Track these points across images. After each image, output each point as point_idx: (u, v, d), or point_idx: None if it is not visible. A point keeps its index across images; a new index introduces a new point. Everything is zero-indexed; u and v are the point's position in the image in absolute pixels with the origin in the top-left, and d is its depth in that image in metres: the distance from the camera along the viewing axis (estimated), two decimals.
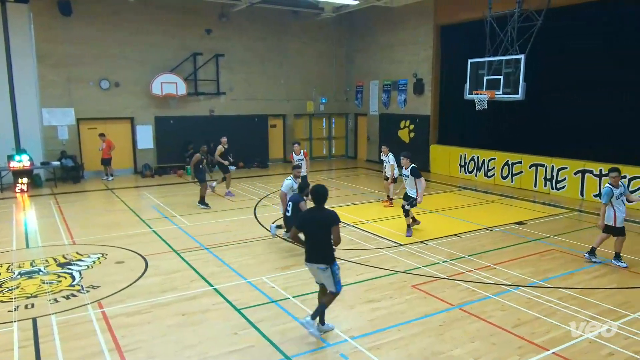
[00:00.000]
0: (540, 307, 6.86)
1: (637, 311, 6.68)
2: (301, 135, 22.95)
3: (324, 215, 5.83)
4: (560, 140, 14.94)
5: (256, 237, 10.34)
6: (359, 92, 23.07)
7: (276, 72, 21.51)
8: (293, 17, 21.22)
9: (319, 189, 5.98)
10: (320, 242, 5.82)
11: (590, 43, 13.77)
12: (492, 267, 8.49)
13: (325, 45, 22.65)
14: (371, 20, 21.34)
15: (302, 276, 8.02)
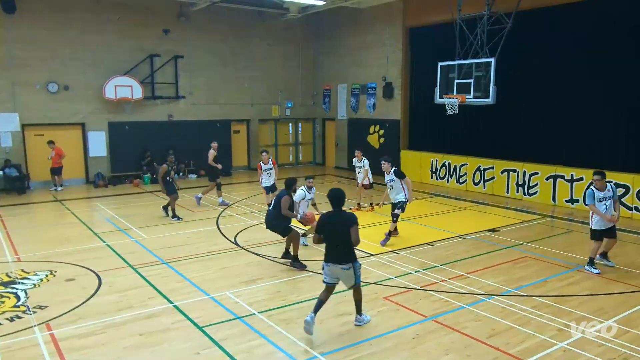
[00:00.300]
0: (514, 316, 7.01)
1: (611, 318, 6.90)
2: (266, 141, 22.89)
3: (343, 217, 6.46)
4: (531, 144, 15.39)
5: (220, 250, 10.22)
6: (326, 96, 23.20)
7: (239, 75, 21.42)
8: (257, 17, 21.21)
9: (336, 192, 6.60)
10: (341, 243, 6.39)
11: (560, 46, 14.27)
12: (466, 276, 8.63)
13: (291, 47, 22.71)
14: (339, 21, 21.54)
15: (269, 290, 7.96)
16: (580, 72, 13.98)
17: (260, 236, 11.22)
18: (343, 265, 6.39)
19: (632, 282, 8.30)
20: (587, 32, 13.73)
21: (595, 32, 13.58)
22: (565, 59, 14.20)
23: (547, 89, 14.82)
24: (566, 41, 14.16)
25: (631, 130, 13.28)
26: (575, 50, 14.03)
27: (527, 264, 9.30)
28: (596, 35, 13.58)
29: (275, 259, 9.56)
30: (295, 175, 21.33)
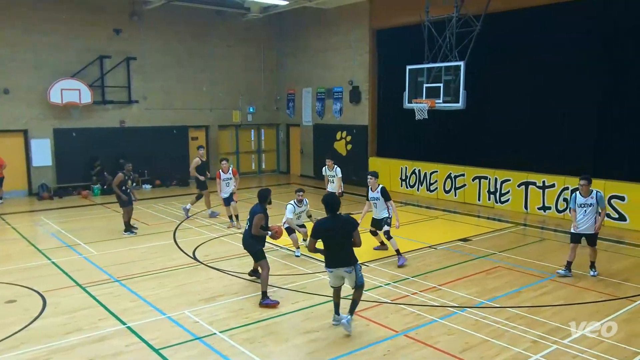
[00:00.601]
0: (488, 328, 7.15)
1: (584, 328, 7.10)
2: (227, 148, 22.74)
3: (342, 221, 6.88)
4: (503, 150, 15.77)
5: (177, 265, 10.07)
6: (290, 101, 23.24)
7: (198, 78, 21.25)
8: (216, 17, 21.13)
9: (331, 197, 7.06)
10: (343, 247, 6.81)
11: (531, 49, 14.72)
12: (438, 288, 8.75)
13: (252, 49, 22.70)
14: (303, 22, 21.67)
15: (231, 307, 7.89)
16: (552, 76, 14.45)
17: (221, 250, 11.12)
18: (346, 268, 6.82)
19: (605, 291, 8.58)
20: (558, 35, 14.22)
21: (566, 35, 14.08)
22: (537, 63, 14.66)
23: (518, 94, 15.25)
24: (537, 44, 14.63)
25: (602, 136, 13.78)
26: (546, 54, 14.49)
27: (500, 274, 9.50)
28: (566, 39, 14.07)
29: (238, 274, 9.48)
30: (258, 184, 21.26)
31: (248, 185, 20.38)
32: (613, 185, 13.11)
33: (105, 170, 18.52)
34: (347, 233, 6.79)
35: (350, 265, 6.83)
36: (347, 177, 19.94)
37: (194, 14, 20.50)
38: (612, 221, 13.12)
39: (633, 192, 12.81)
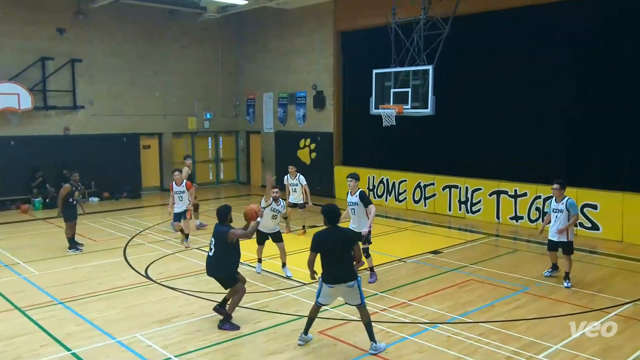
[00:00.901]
0: (460, 345, 7.23)
1: (559, 342, 7.27)
2: (182, 157, 22.25)
3: (343, 234, 7.00)
4: (473, 158, 16.07)
5: (128, 285, 9.86)
6: (250, 106, 23.17)
7: (150, 82, 20.98)
8: (170, 17, 20.96)
9: (333, 208, 7.11)
10: (343, 261, 6.85)
11: (501, 53, 15.10)
12: (408, 303, 8.82)
13: (209, 51, 22.57)
14: (263, 23, 21.68)
15: (186, 329, 7.76)
16: (522, 82, 14.85)
17: (175, 267, 10.95)
18: (349, 283, 6.83)
19: (579, 303, 8.81)
20: (527, 39, 14.64)
21: (535, 39, 14.51)
22: (507, 68, 15.03)
23: (488, 99, 15.60)
24: (506, 48, 15.02)
25: (574, 143, 14.21)
26: (515, 59, 14.90)
27: (473, 288, 9.64)
28: (536, 43, 14.51)
29: (194, 293, 9.34)
30: (216, 196, 21.06)
31: (206, 197, 20.15)
32: (585, 194, 13.51)
33: (48, 182, 18.05)
34: (347, 246, 6.87)
35: (352, 280, 6.86)
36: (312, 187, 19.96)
37: (145, 13, 20.27)
38: (585, 230, 13.50)
39: (605, 201, 13.23)
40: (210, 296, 9.05)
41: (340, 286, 6.88)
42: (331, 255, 6.87)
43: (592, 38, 13.58)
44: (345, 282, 6.84)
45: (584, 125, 14.01)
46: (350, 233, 7.13)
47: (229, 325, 7.75)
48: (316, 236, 7.03)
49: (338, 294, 7.01)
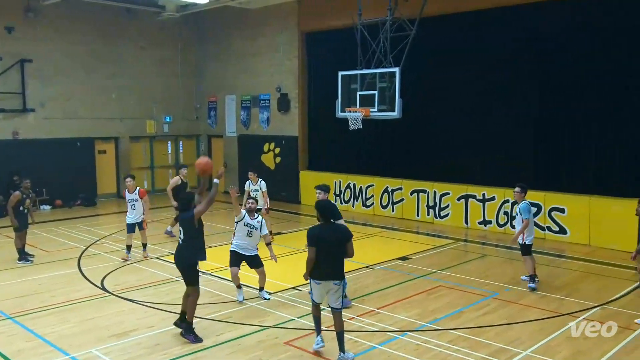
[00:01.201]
0: (430, 353, 7.29)
1: (528, 348, 7.41)
2: (140, 162, 22.14)
3: (339, 230, 7.10)
4: (441, 162, 16.28)
5: (83, 297, 9.64)
6: (212, 109, 23.00)
7: (105, 84, 20.63)
8: (127, 16, 20.68)
9: (328, 204, 7.34)
10: (336, 258, 6.97)
11: (469, 55, 15.36)
12: (376, 311, 8.86)
13: (168, 52, 22.33)
14: (225, 23, 21.57)
15: (146, 343, 7.63)
16: (489, 84, 15.12)
17: (134, 278, 10.77)
18: (335, 281, 6.93)
19: (548, 308, 9.00)
20: (494, 41, 14.94)
21: (502, 41, 14.81)
22: (474, 70, 15.31)
23: (455, 102, 15.84)
24: (474, 50, 15.29)
25: (541, 147, 14.55)
26: (483, 61, 15.17)
27: (441, 294, 9.75)
28: (502, 45, 14.81)
29: (153, 304, 9.19)
30: None
31: (166, 204, 19.85)
32: (553, 197, 13.84)
33: None
34: (341, 243, 6.96)
35: (340, 279, 6.96)
36: (276, 193, 19.98)
37: (100, 11, 19.96)
38: (553, 234, 13.83)
39: (573, 204, 13.57)
40: (171, 307, 8.92)
41: (327, 282, 6.95)
42: (325, 251, 6.90)
43: (558, 41, 13.94)
44: (333, 279, 6.93)
45: (551, 129, 14.36)
46: (347, 231, 7.14)
47: (192, 336, 7.65)
48: (314, 232, 7.07)
49: (324, 290, 7.03)
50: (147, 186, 22.32)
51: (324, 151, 19.55)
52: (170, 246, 12.05)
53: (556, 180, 14.27)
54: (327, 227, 7.08)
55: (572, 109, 13.92)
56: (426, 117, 16.25)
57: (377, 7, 14.57)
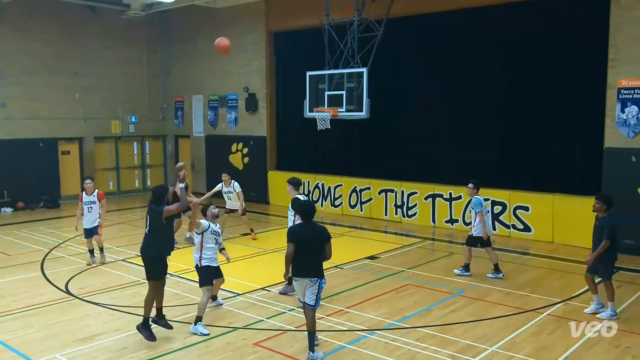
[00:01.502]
0: (399, 351, 7.36)
1: (494, 344, 7.54)
2: (105, 163, 21.79)
3: (318, 230, 7.23)
4: (409, 162, 16.44)
5: (46, 301, 9.45)
6: (179, 109, 22.78)
7: (69, 84, 20.24)
8: (90, 14, 20.33)
9: (309, 205, 7.60)
10: (314, 256, 7.10)
11: (435, 56, 15.56)
12: (345, 311, 8.90)
13: (134, 51, 22.03)
14: (191, 22, 21.39)
15: (113, 347, 7.52)
16: (455, 85, 15.33)
17: (99, 281, 10.59)
18: (312, 278, 7.04)
19: (513, 304, 9.17)
20: (460, 42, 15.15)
21: (467, 42, 15.03)
22: (441, 70, 15.51)
23: (422, 102, 16.00)
24: (440, 51, 15.49)
25: (506, 147, 14.82)
26: (449, 61, 15.37)
27: (410, 293, 9.85)
28: (468, 46, 15.04)
29: (119, 307, 9.06)
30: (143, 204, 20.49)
31: (131, 205, 19.63)
32: (517, 196, 14.10)
33: None
34: (322, 243, 7.13)
35: (316, 277, 7.07)
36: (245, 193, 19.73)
37: (63, 10, 19.58)
38: (517, 232, 14.09)
39: (537, 202, 13.85)
40: (138, 310, 8.78)
41: (304, 280, 7.06)
42: (304, 249, 7.05)
43: (523, 42, 14.21)
44: (309, 277, 7.04)
45: (516, 130, 14.61)
46: (325, 231, 7.27)
47: (145, 332, 7.52)
48: (294, 229, 7.39)
49: (302, 287, 7.12)
50: (113, 187, 22.02)
51: (293, 151, 19.54)
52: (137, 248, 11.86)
53: (521, 179, 14.55)
54: (309, 226, 7.26)
55: (536, 109, 14.20)
56: (394, 117, 16.38)
57: (344, 8, 14.64)
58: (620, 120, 12.53)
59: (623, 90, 12.46)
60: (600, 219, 8.46)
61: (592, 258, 8.43)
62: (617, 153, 12.50)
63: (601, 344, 7.55)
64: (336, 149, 18.17)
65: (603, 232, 8.30)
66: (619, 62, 12.47)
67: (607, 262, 8.47)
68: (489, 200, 14.49)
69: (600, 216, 8.47)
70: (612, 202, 8.52)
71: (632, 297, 9.57)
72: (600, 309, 8.58)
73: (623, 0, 12.28)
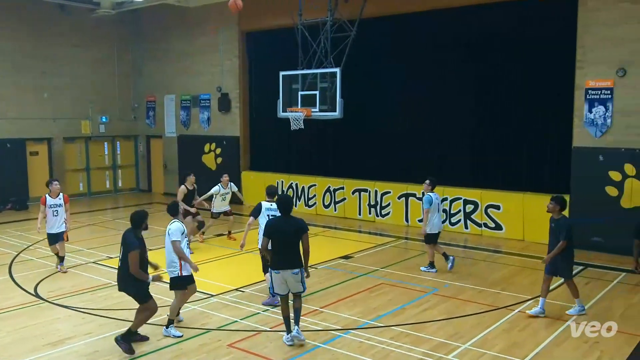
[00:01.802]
0: (373, 350, 7.40)
1: (467, 341, 7.64)
2: (75, 164, 21.44)
3: (295, 222, 7.46)
4: (382, 161, 16.54)
5: (14, 305, 9.27)
6: (150, 109, 22.53)
7: (37, 83, 19.86)
8: (60, 12, 19.99)
9: (287, 198, 7.82)
10: (293, 248, 7.37)
11: (407, 56, 15.66)
12: (320, 310, 8.91)
13: (104, 50, 21.72)
14: (163, 21, 21.18)
15: (84, 351, 7.43)
16: (427, 85, 15.46)
17: (69, 284, 10.42)
18: (293, 270, 7.35)
19: (485, 302, 9.30)
20: (431, 42, 15.27)
21: (440, 42, 15.16)
22: (413, 70, 15.62)
23: (395, 102, 16.11)
24: (412, 51, 15.59)
25: (477, 146, 15.01)
26: (422, 62, 15.50)
27: (384, 292, 9.91)
28: (439, 46, 15.16)
29: (90, 310, 8.93)
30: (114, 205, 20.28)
31: (102, 207, 19.36)
32: (489, 195, 14.30)
33: None
34: (299, 234, 7.40)
35: (297, 267, 7.38)
36: None
37: (31, 7, 19.22)
38: (489, 230, 14.29)
39: (507, 201, 14.06)
40: (109, 313, 8.70)
41: (286, 272, 7.34)
42: (283, 241, 7.36)
43: (493, 43, 14.40)
44: (290, 268, 7.34)
45: (487, 130, 14.82)
46: (304, 224, 7.55)
47: (125, 345, 7.25)
48: (271, 223, 7.62)
49: (283, 279, 7.38)
50: (83, 188, 21.67)
51: (266, 151, 19.49)
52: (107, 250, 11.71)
53: (492, 178, 14.74)
54: (285, 219, 7.50)
55: (507, 110, 14.41)
56: (367, 117, 16.47)
57: (317, 8, 14.66)
58: (588, 120, 12.80)
59: (590, 91, 12.73)
60: (555, 221, 8.49)
61: (549, 258, 8.50)
62: (585, 152, 12.76)
63: (570, 340, 7.71)
64: (310, 149, 18.18)
65: (559, 233, 8.36)
66: (586, 63, 12.74)
67: (569, 261, 8.60)
68: (461, 200, 14.70)
69: (555, 217, 8.50)
70: (565, 204, 8.61)
71: (600, 293, 9.78)
72: (541, 313, 8.57)
73: (590, 3, 12.54)
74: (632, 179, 12.09)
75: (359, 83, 15.82)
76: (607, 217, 12.05)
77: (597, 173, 12.44)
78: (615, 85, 12.39)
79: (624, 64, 12.23)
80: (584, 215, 12.24)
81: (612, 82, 12.41)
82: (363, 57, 15.33)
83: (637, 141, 12.14)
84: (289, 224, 7.46)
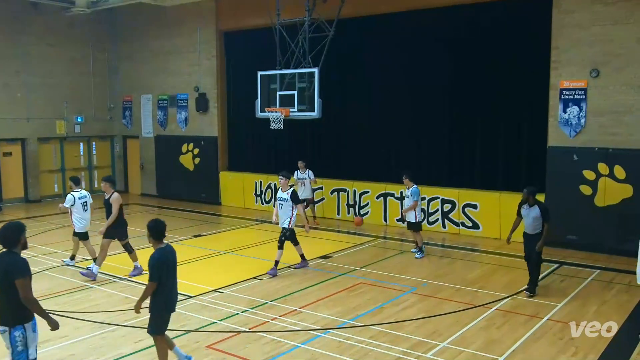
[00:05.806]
0: (352, 350, 7.41)
1: (445, 339, 7.70)
2: (50, 165, 21.09)
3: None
4: (360, 161, 16.57)
5: None
6: (127, 109, 22.28)
7: (10, 83, 19.48)
8: (32, 10, 19.64)
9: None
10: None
11: (385, 56, 15.70)
12: (299, 311, 8.90)
13: (79, 50, 21.40)
14: (139, 20, 20.96)
15: (59, 354, 7.31)
16: (405, 85, 15.52)
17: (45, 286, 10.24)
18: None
19: (463, 300, 9.38)
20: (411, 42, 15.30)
21: (418, 42, 15.21)
22: (391, 71, 15.65)
23: (373, 102, 16.15)
24: (390, 51, 15.61)
25: (454, 146, 15.11)
26: (400, 62, 15.52)
27: (362, 291, 9.93)
28: (417, 47, 15.22)
29: (67, 313, 8.79)
30: None
31: None
32: (466, 194, 14.42)
33: None
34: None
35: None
36: (196, 194, 19.70)
37: (2, 5, 18.84)
38: (466, 229, 14.41)
39: (484, 200, 14.19)
40: (85, 316, 8.57)
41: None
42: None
43: (470, 43, 14.48)
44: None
45: (464, 130, 14.90)
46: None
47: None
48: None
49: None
50: (58, 189, 21.32)
51: (245, 151, 19.40)
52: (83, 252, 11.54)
53: (469, 178, 14.86)
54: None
55: (483, 110, 14.53)
56: (345, 117, 16.50)
57: (295, 8, 14.63)
58: (562, 120, 12.98)
59: (565, 91, 12.91)
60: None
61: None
62: (559, 152, 12.94)
63: (547, 336, 7.82)
64: (288, 149, 18.14)
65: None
66: (560, 64, 12.91)
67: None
68: (439, 199, 14.80)
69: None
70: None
71: (575, 290, 9.93)
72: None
73: (564, 4, 12.72)
74: (606, 178, 12.30)
75: (337, 83, 15.84)
76: None
77: (571, 172, 12.63)
78: (588, 85, 12.58)
79: (597, 65, 12.41)
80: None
81: (585, 82, 12.60)
82: (341, 57, 15.35)
83: (610, 140, 12.35)
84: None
